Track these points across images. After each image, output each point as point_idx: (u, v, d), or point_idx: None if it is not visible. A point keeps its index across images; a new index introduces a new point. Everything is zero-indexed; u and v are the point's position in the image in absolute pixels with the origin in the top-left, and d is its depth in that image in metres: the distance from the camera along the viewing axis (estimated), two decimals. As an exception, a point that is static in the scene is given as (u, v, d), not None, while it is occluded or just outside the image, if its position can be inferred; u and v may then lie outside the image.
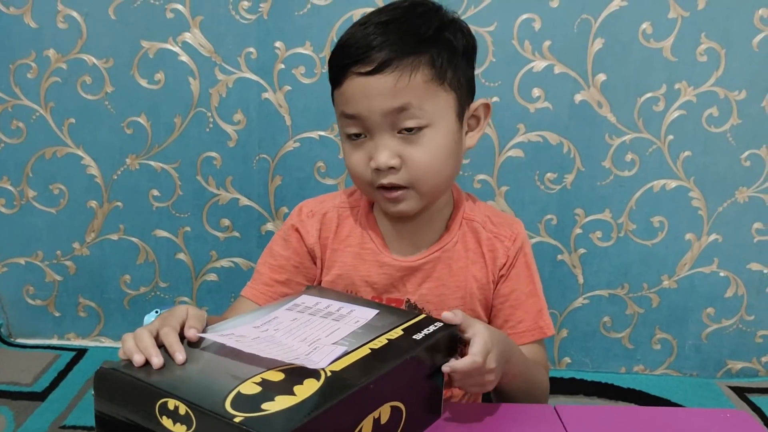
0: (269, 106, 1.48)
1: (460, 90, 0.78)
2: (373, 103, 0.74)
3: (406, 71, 0.73)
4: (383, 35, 0.74)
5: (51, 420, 1.31)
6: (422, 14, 0.77)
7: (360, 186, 0.81)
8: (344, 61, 0.75)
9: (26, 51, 1.47)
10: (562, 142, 1.48)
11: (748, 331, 1.61)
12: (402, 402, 0.60)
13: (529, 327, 0.84)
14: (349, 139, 0.78)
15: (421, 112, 0.74)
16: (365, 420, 0.56)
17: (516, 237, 0.85)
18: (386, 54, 0.73)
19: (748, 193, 1.51)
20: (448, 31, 0.77)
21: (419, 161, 0.76)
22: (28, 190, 1.55)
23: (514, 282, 0.84)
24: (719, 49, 1.43)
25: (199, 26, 1.44)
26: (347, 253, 0.86)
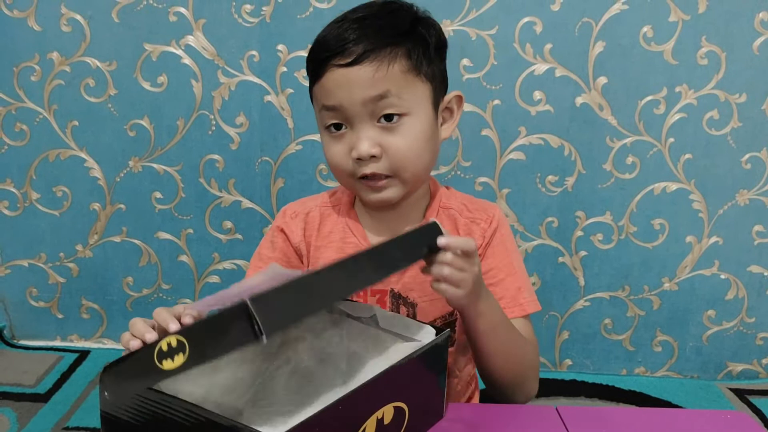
0: (271, 108, 1.49)
1: (435, 81, 0.82)
2: (353, 93, 0.76)
3: (384, 61, 0.76)
4: (361, 29, 0.77)
5: (54, 421, 1.31)
6: (396, 10, 0.81)
7: (341, 178, 0.84)
8: (323, 55, 0.78)
9: (30, 54, 1.47)
10: (563, 145, 1.49)
11: (749, 333, 1.61)
12: (405, 402, 0.61)
13: (509, 304, 0.84)
14: (328, 132, 0.81)
15: (399, 101, 0.77)
16: (369, 420, 0.57)
17: (492, 219, 0.87)
18: (364, 46, 0.76)
19: (749, 195, 1.52)
20: (421, 25, 0.81)
21: (399, 149, 0.78)
22: (32, 192, 1.56)
23: (490, 260, 0.86)
24: (720, 52, 1.43)
25: (201, 29, 1.45)
26: (330, 249, 0.88)
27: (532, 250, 1.56)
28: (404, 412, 0.61)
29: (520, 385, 0.82)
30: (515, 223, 1.54)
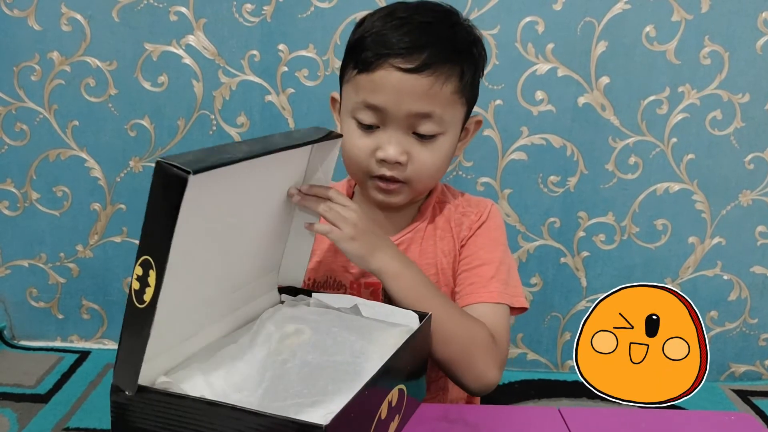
0: (272, 108, 1.48)
1: (470, 105, 0.82)
2: (402, 101, 0.75)
3: (440, 78, 0.75)
4: (427, 36, 0.75)
5: (54, 422, 1.31)
6: (458, 24, 0.80)
7: (353, 170, 0.83)
8: (383, 51, 0.75)
9: (30, 53, 1.47)
10: (565, 145, 1.48)
11: (752, 335, 1.61)
12: (404, 384, 0.62)
13: (476, 289, 0.82)
14: (357, 124, 0.79)
15: (440, 122, 0.77)
16: (383, 404, 0.58)
17: (482, 213, 0.87)
18: (428, 56, 0.74)
19: (752, 196, 1.51)
20: (476, 47, 0.81)
21: (425, 163, 0.79)
22: (32, 192, 1.55)
23: (470, 248, 0.86)
24: (723, 52, 1.43)
25: (202, 29, 1.45)
26: (326, 241, 0.87)
27: (533, 251, 1.55)
28: (404, 393, 0.63)
29: (463, 366, 0.76)
30: (517, 224, 1.53)
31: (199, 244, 0.58)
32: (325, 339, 0.64)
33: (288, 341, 0.64)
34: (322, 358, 0.61)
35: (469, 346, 0.76)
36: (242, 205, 0.64)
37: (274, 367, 0.60)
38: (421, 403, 0.71)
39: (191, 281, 0.59)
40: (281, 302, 0.76)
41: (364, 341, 0.64)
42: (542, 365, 1.63)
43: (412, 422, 0.68)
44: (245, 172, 0.60)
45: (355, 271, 0.86)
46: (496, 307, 0.81)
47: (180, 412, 0.53)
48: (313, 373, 0.59)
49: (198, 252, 0.59)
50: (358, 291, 0.87)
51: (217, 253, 0.63)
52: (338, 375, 0.58)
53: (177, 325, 0.60)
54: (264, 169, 0.65)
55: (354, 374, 0.58)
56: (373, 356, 0.61)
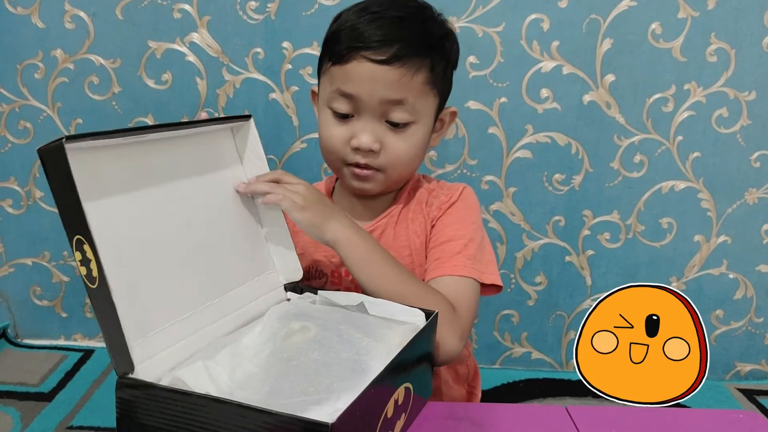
0: (276, 106, 1.48)
1: (443, 96, 0.86)
2: (375, 90, 0.79)
3: (410, 70, 0.79)
4: (399, 30, 0.79)
5: (58, 420, 1.31)
6: (430, 19, 0.84)
7: (330, 159, 0.86)
8: (355, 44, 0.79)
9: (33, 51, 1.47)
10: (570, 143, 1.48)
11: (758, 334, 1.60)
12: (410, 382, 0.63)
13: (442, 263, 0.83)
14: (332, 113, 0.83)
15: (412, 110, 0.81)
16: (389, 403, 0.57)
17: (453, 194, 0.89)
18: (398, 49, 0.78)
19: (758, 194, 1.50)
20: (447, 41, 0.85)
21: (397, 151, 0.82)
22: (35, 190, 1.55)
23: (439, 227, 0.88)
24: (729, 49, 1.42)
25: (206, 26, 1.44)
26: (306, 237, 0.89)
27: (538, 249, 1.54)
28: (410, 391, 0.63)
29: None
30: (522, 222, 1.52)
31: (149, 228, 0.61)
32: (331, 336, 0.64)
33: (293, 339, 0.63)
34: (328, 355, 0.61)
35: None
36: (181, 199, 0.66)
37: (280, 365, 0.59)
38: (427, 401, 0.70)
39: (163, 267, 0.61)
40: (287, 300, 0.76)
41: (370, 339, 0.64)
42: (547, 364, 1.63)
43: (418, 420, 0.67)
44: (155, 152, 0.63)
45: (336, 260, 0.87)
46: (460, 279, 0.81)
47: (186, 408, 0.52)
48: (318, 371, 0.58)
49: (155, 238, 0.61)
50: (339, 280, 0.89)
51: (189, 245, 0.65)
52: (344, 373, 0.58)
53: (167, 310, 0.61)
54: (180, 152, 0.67)
55: (360, 372, 0.58)
56: (378, 354, 0.61)
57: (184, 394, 0.53)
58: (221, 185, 0.73)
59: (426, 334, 0.67)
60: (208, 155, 0.72)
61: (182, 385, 0.55)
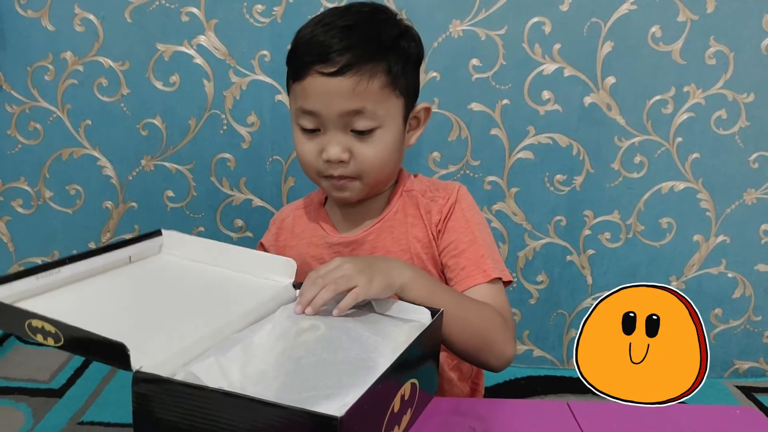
0: (282, 108, 1.50)
1: (408, 95, 0.85)
2: (331, 103, 0.79)
3: (365, 76, 0.79)
4: (347, 39, 0.79)
5: (69, 416, 1.33)
6: (383, 21, 0.84)
7: (308, 173, 0.88)
8: (307, 59, 0.80)
9: (43, 53, 1.49)
10: (571, 144, 1.50)
11: (756, 332, 1.62)
12: (417, 378, 0.64)
13: (471, 272, 0.85)
14: (301, 129, 0.84)
15: (373, 116, 0.81)
16: (396, 398, 0.59)
17: (450, 196, 0.90)
18: (348, 58, 0.78)
19: (756, 195, 1.53)
20: (404, 39, 0.84)
21: (367, 157, 0.83)
22: (45, 190, 1.57)
23: (450, 234, 0.88)
24: (728, 52, 1.44)
25: (213, 29, 1.47)
26: (302, 244, 0.94)
27: (540, 249, 1.57)
28: (416, 387, 0.64)
29: (486, 349, 0.80)
30: (523, 222, 1.55)
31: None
32: (339, 335, 0.66)
33: (303, 337, 0.65)
34: (336, 354, 0.62)
35: (486, 330, 0.79)
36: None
37: (290, 363, 0.61)
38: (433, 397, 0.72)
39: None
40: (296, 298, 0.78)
41: (378, 336, 0.66)
42: (548, 362, 1.65)
43: (424, 415, 0.69)
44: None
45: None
46: (493, 285, 0.85)
47: (199, 402, 0.54)
48: (327, 368, 0.60)
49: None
50: None
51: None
52: (352, 369, 0.60)
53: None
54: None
55: (368, 369, 0.60)
56: (386, 351, 0.63)
57: (198, 388, 0.54)
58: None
59: (431, 331, 0.68)
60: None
61: (195, 379, 0.57)
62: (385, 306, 0.73)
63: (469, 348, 0.79)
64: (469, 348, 0.79)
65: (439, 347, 0.73)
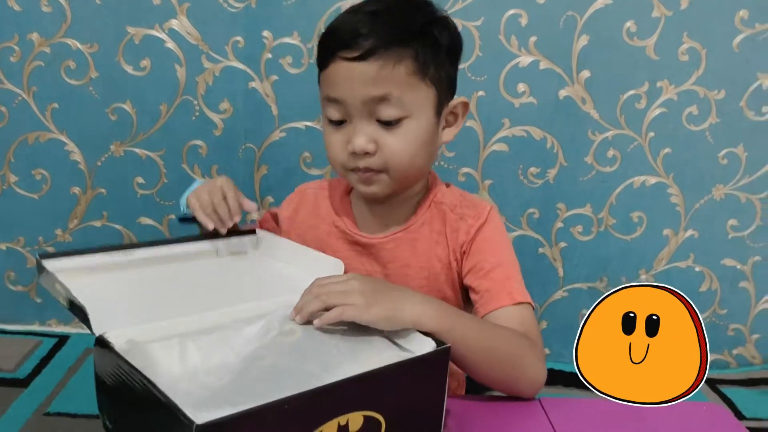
0: (256, 95, 1.48)
1: (441, 86, 0.82)
2: (355, 89, 0.77)
3: (389, 61, 0.76)
4: (371, 23, 0.77)
5: (35, 407, 1.30)
6: (411, 8, 0.81)
7: (335, 166, 0.86)
8: (331, 45, 0.79)
9: (9, 34, 1.44)
10: (545, 137, 1.51)
11: (721, 325, 1.65)
12: (380, 413, 0.58)
13: (496, 294, 0.82)
14: (330, 123, 0.83)
15: (400, 103, 0.78)
16: (327, 424, 0.54)
17: (480, 216, 0.87)
18: (372, 42, 0.76)
19: (725, 190, 1.55)
20: (435, 27, 0.81)
21: (394, 149, 0.80)
22: (10, 175, 1.53)
23: (476, 256, 0.86)
24: (700, 48, 1.45)
25: (186, 13, 1.43)
26: (322, 231, 0.92)
27: (512, 241, 1.57)
28: (379, 423, 0.58)
29: (516, 377, 0.76)
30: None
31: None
32: (309, 345, 0.63)
33: (279, 339, 0.64)
34: (293, 363, 0.60)
35: (515, 357, 0.76)
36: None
37: (253, 362, 0.60)
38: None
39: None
40: None
41: (348, 356, 0.61)
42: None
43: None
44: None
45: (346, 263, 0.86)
46: (520, 307, 0.82)
47: (118, 371, 0.56)
48: (276, 376, 0.58)
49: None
50: None
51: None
52: (292, 383, 0.55)
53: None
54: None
55: (307, 387, 0.54)
56: (341, 373, 0.58)
57: (121, 358, 0.56)
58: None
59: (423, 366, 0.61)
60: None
61: (142, 353, 0.57)
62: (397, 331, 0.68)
63: (499, 377, 0.76)
64: (499, 377, 0.76)
65: (442, 386, 0.63)
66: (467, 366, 0.74)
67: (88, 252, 0.76)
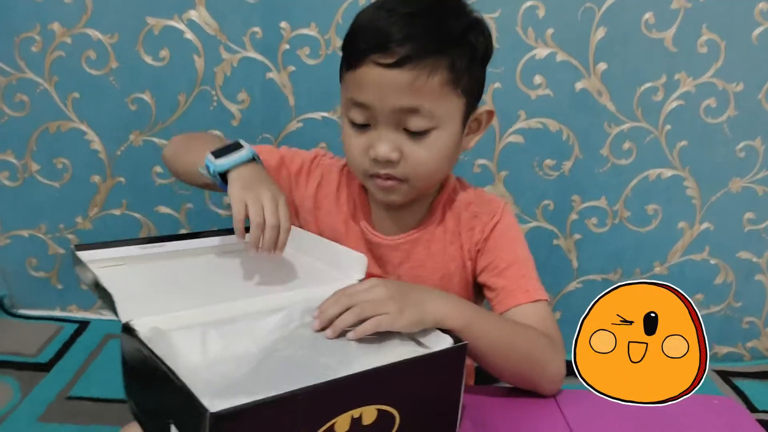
0: (273, 86, 1.49)
1: (471, 95, 0.79)
2: (385, 97, 0.73)
3: (424, 71, 0.72)
4: (408, 28, 0.72)
5: (57, 391, 1.34)
6: (451, 11, 0.76)
7: (354, 170, 0.83)
8: (363, 46, 0.74)
9: (31, 24, 1.46)
10: (561, 129, 1.51)
11: (735, 317, 1.66)
12: (394, 407, 0.58)
13: (512, 291, 0.82)
14: (351, 125, 0.79)
15: (430, 116, 0.75)
16: (340, 416, 0.55)
17: (495, 214, 0.86)
18: (408, 49, 0.71)
19: (742, 183, 1.55)
20: (472, 33, 0.77)
21: (419, 160, 0.77)
22: (32, 163, 1.56)
23: (491, 253, 0.85)
24: (719, 41, 1.45)
25: (204, 4, 1.45)
26: (340, 220, 0.89)
27: (527, 232, 1.58)
28: (393, 417, 0.58)
29: (537, 374, 0.76)
30: (512, 205, 1.56)
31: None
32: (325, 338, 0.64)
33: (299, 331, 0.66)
34: (309, 355, 0.61)
35: (534, 353, 0.75)
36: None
37: (271, 352, 0.61)
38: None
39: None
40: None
41: (364, 351, 0.62)
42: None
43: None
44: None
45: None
46: (537, 305, 0.81)
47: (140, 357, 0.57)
48: (290, 367, 0.59)
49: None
50: None
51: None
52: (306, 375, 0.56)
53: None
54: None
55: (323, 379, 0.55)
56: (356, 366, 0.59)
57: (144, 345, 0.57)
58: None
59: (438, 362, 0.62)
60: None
61: (164, 341, 0.59)
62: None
63: (519, 374, 0.76)
64: (519, 374, 0.76)
65: (459, 382, 0.64)
66: (487, 362, 0.74)
67: (120, 243, 0.77)
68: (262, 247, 0.72)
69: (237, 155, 0.79)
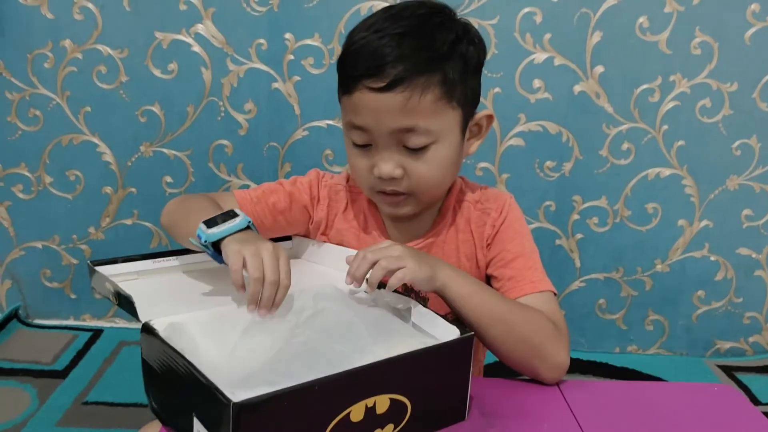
0: (279, 95, 1.53)
1: (467, 104, 0.80)
2: (381, 120, 0.75)
3: (416, 91, 0.73)
4: (397, 49, 0.73)
5: (74, 397, 1.37)
6: (438, 26, 0.77)
7: (361, 187, 0.85)
8: (356, 72, 0.75)
9: (43, 41, 1.51)
10: (561, 132, 1.54)
11: (736, 313, 1.68)
12: (406, 397, 0.60)
13: (519, 282, 0.83)
14: (354, 145, 0.80)
15: (427, 132, 0.76)
16: (355, 405, 0.57)
17: (502, 207, 0.87)
18: (399, 71, 0.72)
19: (739, 180, 1.58)
20: (461, 44, 0.77)
21: (422, 174, 0.78)
22: (45, 176, 1.60)
23: (499, 246, 0.86)
24: (713, 42, 1.48)
25: (211, 18, 1.49)
26: (351, 235, 0.90)
27: (530, 233, 1.61)
28: (405, 406, 0.60)
29: (539, 357, 0.76)
30: (514, 206, 1.59)
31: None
32: (338, 327, 0.66)
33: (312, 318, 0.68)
34: (326, 343, 0.63)
35: (534, 337, 0.76)
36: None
37: (288, 339, 0.63)
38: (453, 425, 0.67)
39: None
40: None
41: (375, 340, 0.64)
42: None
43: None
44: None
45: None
46: (543, 294, 0.82)
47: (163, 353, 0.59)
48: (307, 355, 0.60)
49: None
50: None
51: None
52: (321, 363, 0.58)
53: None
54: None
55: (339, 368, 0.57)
56: (368, 357, 0.60)
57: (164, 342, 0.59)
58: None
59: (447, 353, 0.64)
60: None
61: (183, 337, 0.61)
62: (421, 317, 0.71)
63: (517, 355, 0.76)
64: (517, 355, 0.76)
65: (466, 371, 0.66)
66: (486, 338, 0.75)
67: (134, 259, 0.80)
68: (259, 305, 0.67)
69: (230, 224, 0.72)
